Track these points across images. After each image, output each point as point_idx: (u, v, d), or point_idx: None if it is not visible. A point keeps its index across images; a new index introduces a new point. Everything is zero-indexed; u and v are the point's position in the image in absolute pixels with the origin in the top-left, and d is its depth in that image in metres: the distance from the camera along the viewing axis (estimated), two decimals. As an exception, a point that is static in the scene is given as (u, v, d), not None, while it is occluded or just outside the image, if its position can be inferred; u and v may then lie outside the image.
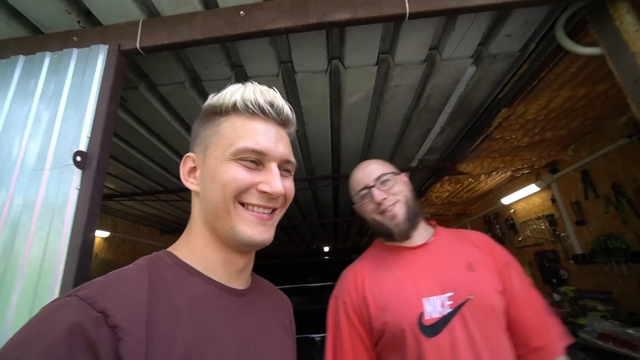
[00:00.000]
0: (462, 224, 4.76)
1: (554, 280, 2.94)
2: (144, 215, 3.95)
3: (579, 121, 2.21)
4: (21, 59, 1.14)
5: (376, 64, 1.46)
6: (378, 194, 0.86)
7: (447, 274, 0.80)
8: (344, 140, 2.23)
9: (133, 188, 2.83)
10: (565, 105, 1.94)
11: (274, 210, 0.52)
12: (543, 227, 3.10)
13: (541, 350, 0.78)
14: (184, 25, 1.11)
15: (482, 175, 3.02)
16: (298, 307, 2.23)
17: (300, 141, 2.19)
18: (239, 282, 0.53)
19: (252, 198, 0.49)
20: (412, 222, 0.86)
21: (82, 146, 0.97)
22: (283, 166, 0.53)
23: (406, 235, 0.87)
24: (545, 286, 3.05)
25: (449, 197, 3.71)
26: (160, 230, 4.96)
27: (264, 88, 0.53)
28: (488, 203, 4.06)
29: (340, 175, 2.86)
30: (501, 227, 3.87)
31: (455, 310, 0.75)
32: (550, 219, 2.98)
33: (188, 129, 1.88)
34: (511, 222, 3.63)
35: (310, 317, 2.02)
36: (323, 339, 1.80)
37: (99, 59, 1.07)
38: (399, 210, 0.85)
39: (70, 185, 0.94)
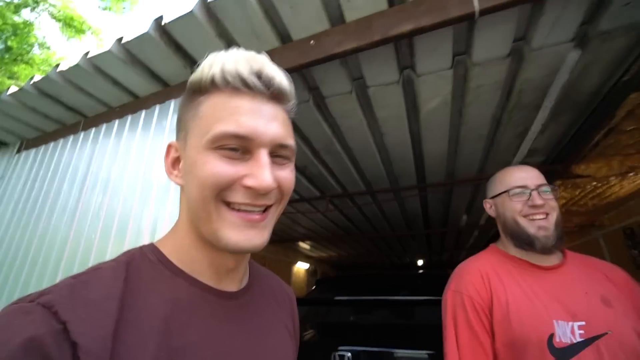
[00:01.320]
0: (590, 239, 3.85)
1: None
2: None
3: None
4: (157, 107, 1.52)
5: (451, 67, 1.39)
6: (538, 198, 0.84)
7: (578, 302, 0.77)
8: (426, 149, 2.15)
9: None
10: None
11: (267, 208, 0.42)
12: None
13: None
14: (266, 62, 1.30)
15: (612, 178, 2.43)
16: (385, 320, 2.19)
17: (381, 151, 2.21)
18: (231, 283, 0.47)
19: (237, 196, 0.39)
20: (558, 241, 0.84)
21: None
22: (277, 152, 0.42)
23: (549, 251, 0.84)
24: None
25: (565, 205, 3.09)
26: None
27: (250, 54, 0.42)
28: (628, 212, 3.20)
29: (426, 185, 2.73)
30: (653, 243, 2.99)
31: (590, 341, 0.72)
32: None
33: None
34: (669, 236, 2.78)
35: (393, 332, 1.97)
36: (407, 356, 1.72)
37: (206, 99, 1.34)
38: (551, 225, 0.83)
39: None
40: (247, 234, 0.40)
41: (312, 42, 1.23)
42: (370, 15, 1.14)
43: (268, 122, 0.40)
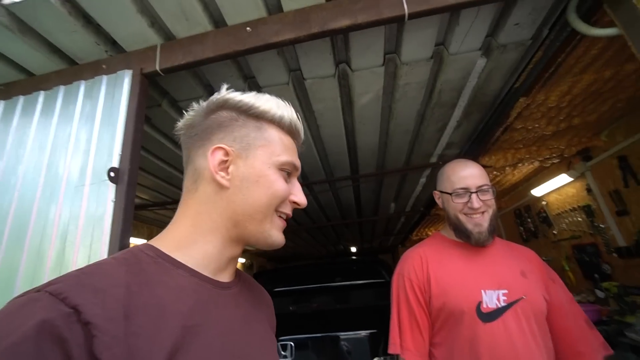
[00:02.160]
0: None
1: (596, 275, 2.75)
2: (177, 222, 4.18)
3: (610, 104, 2.08)
4: (62, 89, 1.29)
5: (383, 65, 1.48)
6: (477, 202, 0.95)
7: (503, 274, 0.94)
8: (360, 141, 2.26)
9: (165, 198, 3.03)
10: (591, 89, 1.84)
11: None
12: (580, 219, 2.93)
13: (580, 356, 0.90)
14: (197, 45, 1.21)
15: (507, 168, 2.91)
16: (324, 306, 2.28)
17: (316, 143, 2.25)
18: (225, 275, 0.53)
19: (286, 208, 0.54)
20: (491, 234, 0.98)
21: (115, 162, 1.09)
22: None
23: (482, 243, 0.98)
24: (586, 282, 2.87)
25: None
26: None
27: (292, 109, 0.57)
28: (517, 196, 3.89)
29: (359, 176, 2.89)
30: (533, 220, 3.69)
31: (509, 305, 0.88)
32: (587, 210, 2.81)
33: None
34: (544, 214, 3.46)
35: (333, 317, 2.07)
36: (349, 337, 1.83)
37: (125, 82, 1.19)
38: (485, 222, 0.96)
39: (106, 199, 1.05)
40: (281, 235, 0.54)
41: (248, 28, 1.18)
42: (309, 7, 1.14)
43: (298, 158, 0.58)
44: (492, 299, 0.89)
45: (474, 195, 0.96)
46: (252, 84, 1.57)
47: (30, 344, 0.29)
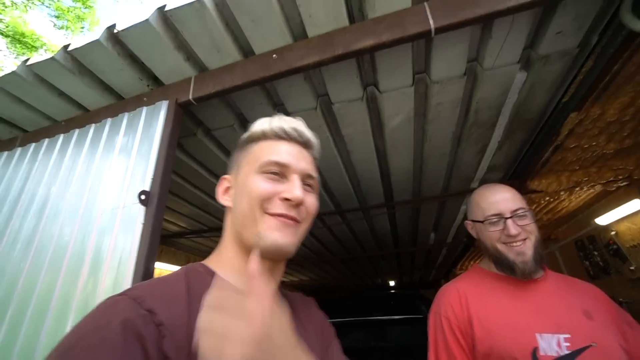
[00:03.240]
0: (547, 252, 4.07)
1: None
2: (211, 250, 4.26)
3: (686, 116, 1.81)
4: (109, 121, 1.41)
5: (412, 85, 1.44)
6: (514, 228, 0.85)
7: (562, 315, 0.79)
8: (392, 166, 2.17)
9: (201, 225, 3.12)
10: (659, 100, 1.62)
11: (297, 222, 0.55)
12: (661, 251, 2.48)
13: None
14: (226, 75, 1.26)
15: (562, 192, 2.60)
16: (357, 343, 2.09)
17: (348, 169, 2.20)
18: None
19: (276, 207, 0.53)
20: (537, 264, 0.86)
21: (146, 186, 1.13)
22: (305, 181, 0.59)
23: (529, 275, 0.86)
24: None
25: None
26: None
27: (289, 118, 0.63)
28: (578, 225, 3.44)
29: (394, 203, 2.76)
30: (601, 253, 3.20)
31: (576, 353, 0.73)
32: (670, 241, 2.37)
33: (242, 167, 2.06)
34: (615, 247, 2.99)
35: (371, 355, 1.88)
36: None
37: (161, 112, 1.26)
38: (528, 250, 0.85)
39: (136, 221, 1.08)
40: (283, 232, 0.52)
41: (274, 56, 1.21)
42: (332, 31, 1.16)
43: (299, 159, 0.58)
44: (551, 345, 0.75)
45: (509, 221, 0.86)
46: (281, 110, 1.60)
47: (118, 337, 0.34)
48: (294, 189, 0.54)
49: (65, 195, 1.30)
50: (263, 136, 0.60)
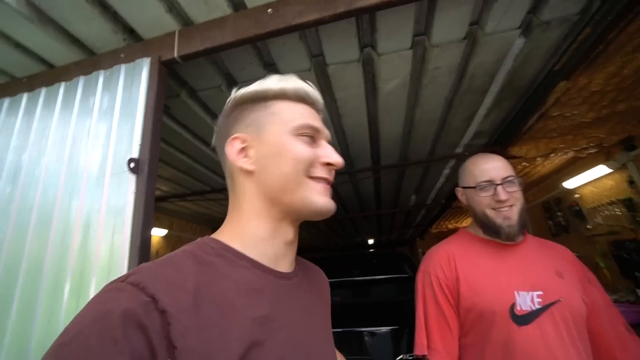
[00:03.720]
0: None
1: (637, 274, 2.57)
2: (196, 214, 4.24)
3: (661, 87, 1.89)
4: (81, 79, 1.27)
5: (411, 48, 1.38)
6: (504, 194, 0.90)
7: (537, 274, 0.88)
8: (383, 131, 2.17)
9: (184, 189, 3.05)
10: (643, 70, 1.66)
11: (332, 185, 0.56)
12: (619, 213, 2.73)
13: None
14: (216, 30, 1.15)
15: (538, 159, 2.73)
16: (343, 300, 2.24)
17: (338, 134, 2.17)
18: (285, 264, 0.53)
19: (319, 171, 0.52)
20: (521, 228, 0.92)
21: (135, 153, 1.06)
22: None
23: (513, 238, 0.92)
24: (626, 280, 2.68)
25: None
26: (210, 228, 5.31)
27: (299, 79, 0.58)
28: (547, 188, 3.68)
29: (380, 167, 2.79)
30: (564, 214, 3.48)
31: (545, 307, 0.82)
32: (628, 204, 2.61)
33: (228, 130, 1.97)
34: (577, 208, 3.25)
35: (358, 312, 2.02)
36: (371, 333, 1.78)
37: (143, 71, 1.15)
38: (514, 215, 0.90)
39: (127, 190, 1.03)
40: (327, 198, 0.52)
41: (269, 10, 1.11)
42: (334, -16, 1.06)
43: (323, 125, 0.57)
44: (526, 301, 0.84)
45: (499, 187, 0.91)
46: (273, 71, 1.51)
47: (118, 328, 0.33)
48: (334, 154, 0.54)
49: (40, 162, 1.20)
50: (283, 95, 0.54)
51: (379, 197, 3.96)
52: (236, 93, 0.56)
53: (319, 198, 0.51)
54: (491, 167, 0.95)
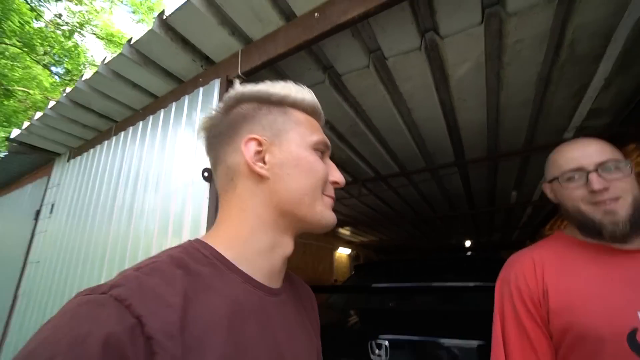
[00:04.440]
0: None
1: None
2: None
3: None
4: (174, 105, 1.53)
5: (482, 22, 1.19)
6: (597, 181, 0.71)
7: None
8: (462, 121, 1.93)
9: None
10: None
11: None
12: None
13: None
14: (270, 44, 1.22)
15: None
16: (427, 307, 2.07)
17: (410, 129, 2.04)
18: (278, 280, 0.51)
19: (329, 189, 0.52)
20: (635, 225, 0.70)
21: (208, 163, 1.22)
22: None
23: (622, 239, 0.71)
24: None
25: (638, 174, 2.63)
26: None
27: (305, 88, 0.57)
28: None
29: (465, 161, 2.50)
30: None
31: None
32: None
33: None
34: None
35: (441, 319, 1.85)
36: (453, 345, 1.60)
37: (215, 90, 1.31)
38: (621, 209, 0.70)
39: (203, 196, 1.19)
40: (333, 214, 0.53)
41: (316, 14, 1.12)
42: (377, -27, 1.00)
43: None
44: None
45: (592, 175, 0.71)
46: (332, 74, 1.52)
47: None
48: (338, 173, 0.54)
49: (149, 172, 1.50)
50: (301, 105, 0.53)
51: (470, 194, 3.54)
52: (244, 88, 0.52)
53: (329, 213, 0.52)
54: (579, 153, 0.76)
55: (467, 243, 7.89)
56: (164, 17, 1.22)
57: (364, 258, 8.41)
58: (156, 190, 1.42)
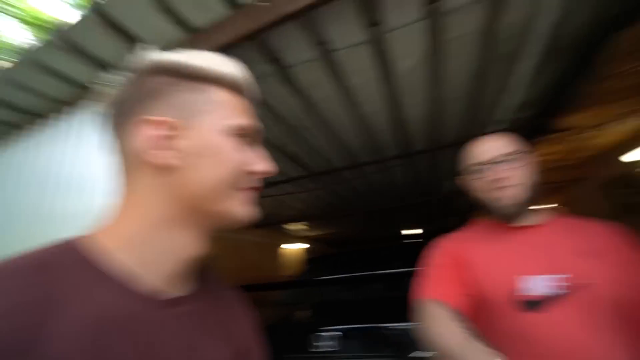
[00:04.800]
0: (581, 191, 3.86)
1: None
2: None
3: None
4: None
5: (424, 18, 1.25)
6: (498, 171, 0.83)
7: (559, 257, 0.78)
8: (407, 115, 2.02)
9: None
10: None
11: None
12: None
13: None
14: (217, 33, 1.16)
15: (597, 127, 2.36)
16: (373, 294, 2.16)
17: (359, 123, 2.08)
18: (179, 284, 0.44)
19: (249, 181, 0.45)
20: (524, 207, 0.84)
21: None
22: None
23: (517, 218, 0.85)
24: None
25: (556, 160, 3.05)
26: (254, 224, 5.51)
27: (233, 61, 0.47)
28: (611, 161, 3.18)
29: (411, 153, 2.64)
30: (629, 192, 2.98)
31: (566, 292, 0.72)
32: None
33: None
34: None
35: (385, 306, 1.93)
36: (400, 329, 1.68)
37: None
38: (518, 193, 0.82)
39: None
40: (253, 205, 0.46)
41: (263, 3, 1.07)
42: (324, -38, 0.99)
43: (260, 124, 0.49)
44: (538, 285, 0.74)
45: (493, 167, 0.84)
46: (279, 66, 1.47)
47: None
48: (266, 163, 0.47)
49: (71, 171, 1.32)
50: (223, 82, 0.44)
51: (417, 185, 3.76)
52: (158, 57, 0.43)
53: (248, 208, 0.45)
54: (485, 148, 0.88)
55: (414, 231, 8.44)
56: (99, 1, 1.07)
57: (318, 252, 8.50)
58: (76, 190, 1.26)
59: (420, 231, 8.50)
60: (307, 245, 7.67)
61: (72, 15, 1.18)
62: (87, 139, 1.34)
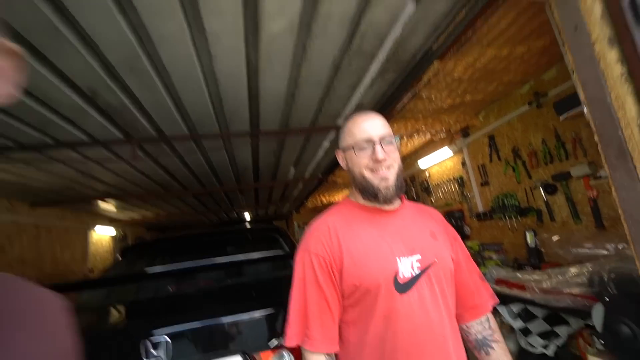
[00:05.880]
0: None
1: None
2: (-5, 181, 2.94)
3: (494, 85, 2.29)
4: None
5: (304, -24, 1.12)
6: (381, 153, 0.85)
7: (415, 239, 0.88)
8: (264, 87, 1.87)
9: None
10: (489, 66, 1.94)
11: None
12: (453, 189, 3.35)
13: (476, 308, 0.93)
14: None
15: (404, 138, 3.04)
16: (208, 287, 1.91)
17: (209, 82, 1.75)
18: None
19: None
20: (399, 190, 0.89)
21: None
22: None
23: (390, 200, 0.89)
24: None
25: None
26: (29, 202, 3.86)
27: None
28: (406, 166, 4.25)
29: (260, 132, 2.51)
30: (416, 189, 4.11)
31: (423, 271, 0.83)
32: (460, 181, 3.22)
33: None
34: (426, 185, 3.87)
35: (225, 297, 1.73)
36: (243, 321, 1.53)
37: None
38: (392, 176, 0.87)
39: None
40: None
41: None
42: None
43: None
44: (407, 267, 0.82)
45: (377, 146, 0.86)
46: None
47: None
48: None
49: None
50: None
51: (257, 167, 3.69)
52: None
53: None
54: (370, 125, 0.89)
55: (247, 216, 8.48)
56: None
57: (134, 239, 7.08)
58: None
59: (248, 216, 8.62)
60: (115, 231, 6.21)
61: None
62: None
